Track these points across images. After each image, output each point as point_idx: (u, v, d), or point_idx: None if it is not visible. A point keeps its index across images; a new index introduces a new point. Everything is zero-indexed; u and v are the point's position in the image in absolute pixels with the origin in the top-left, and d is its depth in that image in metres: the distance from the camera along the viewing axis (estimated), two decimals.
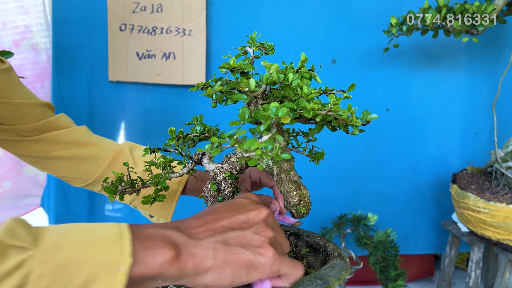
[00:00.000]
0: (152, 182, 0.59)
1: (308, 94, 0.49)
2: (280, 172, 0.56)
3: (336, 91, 0.53)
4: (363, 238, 1.48)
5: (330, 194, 1.71)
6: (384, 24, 1.52)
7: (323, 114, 0.49)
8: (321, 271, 0.51)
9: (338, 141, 1.54)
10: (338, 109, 0.49)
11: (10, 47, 1.58)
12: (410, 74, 1.67)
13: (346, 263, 0.55)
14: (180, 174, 0.61)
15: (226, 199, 0.59)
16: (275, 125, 0.45)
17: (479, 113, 1.70)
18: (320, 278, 0.49)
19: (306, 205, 0.57)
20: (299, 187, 0.56)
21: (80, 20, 1.58)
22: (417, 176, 1.73)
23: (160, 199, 0.59)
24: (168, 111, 1.65)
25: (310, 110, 0.48)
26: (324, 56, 1.63)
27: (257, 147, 0.41)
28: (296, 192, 0.55)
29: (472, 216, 1.36)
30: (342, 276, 0.51)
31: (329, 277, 0.50)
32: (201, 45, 1.59)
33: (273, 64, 0.53)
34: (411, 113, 1.70)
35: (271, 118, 0.44)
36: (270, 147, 0.41)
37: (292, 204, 0.56)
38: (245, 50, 0.59)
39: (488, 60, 1.67)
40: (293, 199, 0.55)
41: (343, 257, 0.56)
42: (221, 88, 0.56)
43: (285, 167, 0.55)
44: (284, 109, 0.44)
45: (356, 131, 0.52)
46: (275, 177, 0.57)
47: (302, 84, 0.51)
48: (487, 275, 1.68)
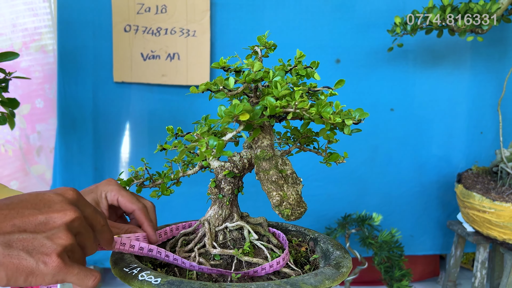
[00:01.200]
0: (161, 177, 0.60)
1: (279, 91, 0.49)
2: (258, 171, 0.54)
3: (321, 88, 0.52)
4: (367, 238, 1.48)
5: (334, 194, 1.71)
6: (388, 23, 1.51)
7: (293, 112, 0.48)
8: (299, 277, 0.50)
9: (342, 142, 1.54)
10: (305, 106, 0.47)
11: (20, 49, 1.60)
12: (415, 73, 1.66)
13: (339, 272, 0.53)
14: (194, 171, 0.62)
15: (226, 196, 0.59)
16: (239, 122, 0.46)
17: (485, 113, 1.69)
18: (291, 284, 0.47)
19: (290, 207, 0.53)
20: (280, 187, 0.54)
21: (84, 21, 1.59)
22: (422, 176, 1.72)
23: (167, 194, 0.61)
24: (172, 112, 1.65)
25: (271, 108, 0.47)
26: (328, 56, 1.63)
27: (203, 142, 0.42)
28: (277, 193, 0.53)
29: (478, 216, 1.36)
30: (323, 285, 0.49)
31: (304, 284, 0.48)
32: (205, 45, 1.59)
33: (256, 62, 0.53)
34: (416, 113, 1.69)
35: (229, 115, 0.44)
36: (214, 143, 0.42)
37: (273, 204, 0.54)
38: (255, 50, 0.60)
39: (493, 59, 1.66)
40: (273, 199, 0.53)
41: (339, 266, 0.55)
42: (206, 87, 0.56)
43: (263, 166, 0.54)
44: (241, 106, 0.44)
45: (347, 130, 0.51)
46: (256, 176, 0.56)
47: (279, 82, 0.50)
48: (493, 275, 1.67)
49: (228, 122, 0.44)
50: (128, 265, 0.52)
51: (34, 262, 0.42)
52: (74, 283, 0.44)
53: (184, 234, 0.63)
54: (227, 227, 0.59)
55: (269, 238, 0.60)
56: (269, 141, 0.54)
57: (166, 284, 0.46)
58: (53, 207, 0.45)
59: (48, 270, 0.42)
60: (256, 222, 0.62)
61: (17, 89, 1.65)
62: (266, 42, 0.59)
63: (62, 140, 1.63)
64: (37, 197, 0.45)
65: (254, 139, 0.54)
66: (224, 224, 0.59)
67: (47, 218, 0.44)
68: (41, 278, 0.42)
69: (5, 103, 0.96)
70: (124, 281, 0.49)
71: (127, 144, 1.68)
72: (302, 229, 0.70)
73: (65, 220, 0.44)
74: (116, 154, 1.68)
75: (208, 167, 0.65)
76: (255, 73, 0.51)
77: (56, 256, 0.42)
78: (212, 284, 0.46)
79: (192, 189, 1.67)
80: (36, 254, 0.42)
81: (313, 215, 1.68)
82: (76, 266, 0.44)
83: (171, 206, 1.64)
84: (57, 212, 0.44)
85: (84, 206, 0.48)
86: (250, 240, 0.58)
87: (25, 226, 0.43)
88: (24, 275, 0.42)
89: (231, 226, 0.59)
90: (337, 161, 0.61)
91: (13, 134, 1.67)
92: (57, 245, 0.43)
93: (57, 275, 0.43)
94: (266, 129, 0.54)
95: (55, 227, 0.43)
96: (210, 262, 0.56)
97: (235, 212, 0.61)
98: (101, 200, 0.65)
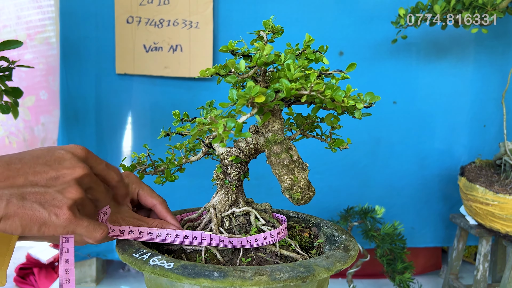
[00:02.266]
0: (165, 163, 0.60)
1: (293, 74, 0.48)
2: (270, 155, 0.54)
3: (333, 71, 0.51)
4: (370, 231, 1.48)
5: (337, 187, 1.71)
6: (392, 15, 1.51)
7: (307, 95, 0.48)
8: (311, 260, 0.50)
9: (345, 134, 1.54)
10: (320, 88, 0.47)
11: (25, 41, 1.60)
12: (418, 66, 1.66)
13: (348, 255, 0.53)
14: (198, 158, 0.62)
15: (232, 182, 0.59)
16: (254, 105, 0.45)
17: (488, 106, 1.68)
18: (304, 266, 0.47)
19: (301, 191, 0.54)
20: (291, 171, 0.54)
21: (87, 13, 1.58)
22: (425, 169, 1.72)
23: (172, 180, 0.61)
24: (175, 104, 1.65)
25: (286, 90, 0.46)
26: (331, 48, 1.62)
27: (221, 125, 0.41)
28: (288, 177, 0.53)
29: (481, 209, 1.36)
30: (335, 267, 0.49)
31: (317, 266, 0.48)
32: (208, 37, 1.59)
33: (267, 45, 0.53)
34: (419, 106, 1.69)
35: (245, 98, 0.44)
36: (232, 125, 0.41)
37: (284, 188, 0.54)
38: (260, 35, 0.60)
39: (497, 52, 1.65)
40: (284, 183, 0.54)
41: (348, 249, 0.55)
42: (215, 70, 0.56)
43: (275, 150, 0.54)
44: (257, 88, 0.43)
45: (358, 114, 0.51)
46: (267, 160, 0.56)
47: (292, 64, 0.49)
48: (495, 268, 1.67)
49: (243, 105, 0.44)
50: (137, 251, 0.51)
51: (46, 213, 0.44)
52: (83, 234, 0.47)
53: (188, 221, 0.63)
54: (234, 213, 0.59)
55: (273, 224, 0.60)
56: (279, 125, 0.54)
57: (180, 268, 0.46)
58: (63, 164, 0.47)
59: (59, 221, 0.45)
60: (260, 208, 0.62)
61: (22, 81, 1.65)
62: (273, 26, 0.59)
63: (65, 132, 1.62)
64: (48, 153, 0.47)
65: (265, 123, 0.54)
66: (231, 210, 0.59)
67: (57, 174, 0.46)
68: (53, 229, 0.45)
69: (8, 92, 0.96)
70: (134, 267, 0.49)
71: (130, 136, 1.68)
72: (304, 215, 0.71)
73: (75, 175, 0.46)
74: (118, 146, 1.68)
75: (211, 153, 0.65)
76: (266, 56, 0.51)
77: (67, 208, 0.45)
78: (227, 267, 0.46)
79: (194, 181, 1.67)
80: (48, 206, 0.44)
81: (316, 207, 1.68)
82: (86, 219, 0.47)
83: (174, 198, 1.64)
84: (67, 169, 0.46)
85: (95, 162, 0.50)
86: (256, 225, 0.58)
87: (36, 181, 0.45)
88: (37, 225, 0.44)
89: (238, 211, 0.59)
90: (341, 147, 0.61)
91: (17, 126, 1.67)
92: (67, 199, 0.45)
93: (68, 227, 0.45)
94: (276, 113, 0.54)
95: (65, 182, 0.46)
96: (217, 248, 0.56)
97: (240, 198, 0.61)
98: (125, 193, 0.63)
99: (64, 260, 0.51)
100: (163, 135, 0.64)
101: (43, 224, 0.44)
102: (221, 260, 0.54)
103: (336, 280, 1.81)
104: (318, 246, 0.63)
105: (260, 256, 0.55)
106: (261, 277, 0.45)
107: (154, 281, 0.52)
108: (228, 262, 0.54)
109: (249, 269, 0.46)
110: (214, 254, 0.55)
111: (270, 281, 0.45)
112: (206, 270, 0.45)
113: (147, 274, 0.50)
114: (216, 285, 0.45)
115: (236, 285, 0.44)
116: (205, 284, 0.45)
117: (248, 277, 0.45)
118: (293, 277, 0.45)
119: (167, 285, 0.49)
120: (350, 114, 0.53)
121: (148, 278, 0.53)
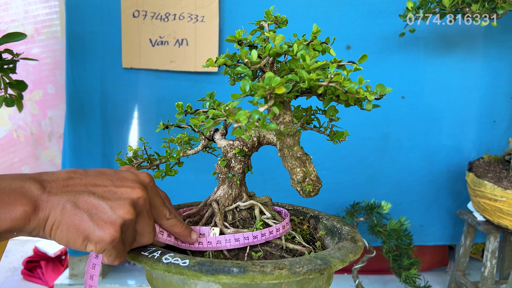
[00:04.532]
0: (164, 157, 0.59)
1: (310, 65, 0.47)
2: (282, 147, 0.54)
3: (346, 63, 0.51)
4: (376, 227, 1.47)
5: (344, 183, 1.70)
6: (399, 9, 1.48)
7: (325, 86, 0.47)
8: (325, 252, 0.50)
9: (352, 130, 1.52)
10: (340, 80, 0.46)
11: (32, 35, 1.61)
12: (426, 60, 1.64)
13: (357, 246, 0.53)
14: (196, 151, 0.61)
15: (236, 176, 0.58)
16: (271, 96, 0.44)
17: (498, 101, 1.66)
18: (321, 258, 0.48)
19: (312, 183, 0.54)
20: (303, 163, 0.54)
21: (93, 7, 1.58)
22: (433, 165, 1.70)
23: (171, 174, 0.60)
24: (181, 98, 1.64)
25: (307, 80, 0.45)
26: (338, 43, 1.61)
27: (245, 116, 0.40)
28: (300, 169, 0.53)
29: (489, 205, 1.34)
30: (348, 258, 0.50)
31: (332, 258, 0.48)
32: (213, 31, 1.58)
33: (278, 35, 0.52)
34: (427, 101, 1.67)
35: (265, 89, 0.43)
36: (256, 116, 0.40)
37: (296, 181, 0.54)
38: (261, 25, 0.59)
39: (507, 46, 1.62)
40: (297, 175, 0.53)
41: (356, 240, 0.55)
42: (224, 61, 0.55)
43: (287, 143, 0.53)
44: (278, 78, 0.42)
45: (369, 105, 0.50)
46: (279, 153, 0.56)
47: (306, 55, 0.48)
48: (503, 265, 1.66)
49: (262, 96, 0.42)
50: (146, 249, 0.50)
51: (92, 226, 0.43)
52: (108, 257, 0.46)
53: (188, 216, 0.61)
54: (238, 207, 0.59)
55: (275, 217, 0.59)
56: (290, 117, 0.53)
57: (197, 265, 0.45)
58: (125, 182, 0.47)
59: (101, 236, 0.43)
60: (261, 202, 0.62)
61: (29, 75, 1.65)
62: (278, 16, 0.58)
63: (71, 126, 1.63)
64: (114, 172, 0.48)
65: (275, 115, 0.53)
66: (235, 204, 0.59)
67: (116, 190, 0.46)
68: (93, 244, 0.44)
69: (13, 85, 0.96)
70: (145, 265, 0.48)
71: (135, 130, 1.68)
72: (300, 208, 0.70)
73: (132, 195, 0.46)
74: (124, 140, 1.68)
75: (208, 147, 0.64)
76: (279, 46, 0.50)
77: (115, 226, 0.44)
78: (245, 262, 0.46)
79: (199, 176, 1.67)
80: (96, 219, 0.43)
81: (322, 203, 1.67)
82: (120, 245, 0.45)
83: (179, 192, 1.64)
84: (126, 187, 0.46)
85: (154, 194, 0.49)
86: (261, 219, 0.57)
87: (94, 190, 0.45)
88: (81, 237, 0.43)
89: (243, 205, 0.58)
90: (341, 139, 0.60)
91: (25, 119, 1.68)
92: (117, 216, 0.44)
93: (105, 245, 0.44)
94: (286, 105, 0.53)
95: (121, 199, 0.45)
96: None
97: (244, 191, 0.60)
98: None
99: (89, 276, 0.50)
100: (162, 127, 0.63)
101: (86, 237, 0.43)
102: (227, 255, 0.54)
103: (342, 276, 1.80)
104: (319, 238, 0.62)
105: (266, 249, 0.55)
106: (281, 271, 0.44)
107: (162, 280, 0.50)
108: (234, 257, 0.54)
109: (268, 264, 0.45)
110: (220, 250, 0.54)
111: (290, 274, 0.44)
112: (224, 266, 0.45)
113: (155, 272, 0.49)
114: (237, 281, 0.44)
115: (257, 280, 0.44)
116: (225, 281, 0.44)
117: (269, 272, 0.44)
118: (312, 269, 0.45)
119: (177, 283, 0.48)
120: (359, 106, 0.52)
121: (154, 276, 0.52)
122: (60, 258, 1.89)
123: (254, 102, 0.42)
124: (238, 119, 0.40)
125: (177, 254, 0.48)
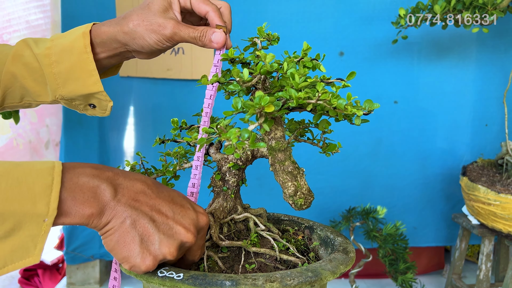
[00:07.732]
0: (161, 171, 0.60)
1: (299, 83, 0.49)
2: (274, 162, 0.55)
3: (334, 80, 0.52)
4: (372, 231, 1.48)
5: (338, 187, 1.71)
6: (392, 16, 1.50)
7: (314, 103, 0.48)
8: (316, 264, 0.51)
9: (346, 135, 1.54)
10: (327, 98, 0.48)
11: None
12: (419, 66, 1.66)
13: (349, 257, 0.54)
14: (191, 165, 0.62)
15: (231, 189, 0.60)
16: (262, 114, 0.45)
17: (490, 105, 1.68)
18: (312, 270, 0.48)
19: (304, 197, 0.55)
20: (295, 177, 0.55)
21: (88, 15, 1.59)
22: (426, 169, 1.72)
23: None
24: (177, 106, 1.66)
25: (296, 99, 0.47)
26: (331, 49, 1.62)
27: (235, 135, 0.42)
28: (292, 183, 0.54)
29: (483, 209, 1.36)
30: (339, 270, 0.50)
31: (323, 270, 0.49)
32: None
33: (268, 54, 0.53)
34: (420, 106, 1.68)
35: (255, 107, 0.44)
36: (246, 135, 0.42)
37: (288, 195, 0.55)
38: (254, 41, 0.60)
39: (498, 51, 1.65)
40: (288, 189, 0.54)
41: (347, 251, 0.56)
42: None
43: (279, 157, 0.54)
44: (267, 98, 0.44)
45: (358, 121, 0.51)
46: (270, 167, 0.57)
47: (295, 73, 0.50)
48: (498, 267, 1.67)
49: (252, 114, 0.44)
50: None
51: (137, 251, 0.45)
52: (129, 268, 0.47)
53: None
54: (233, 219, 0.60)
55: (270, 228, 0.61)
56: (281, 132, 0.54)
57: (190, 278, 0.46)
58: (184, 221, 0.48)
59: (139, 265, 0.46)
60: (256, 214, 0.63)
61: None
62: (269, 34, 0.59)
63: (68, 134, 1.64)
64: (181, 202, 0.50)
65: (267, 131, 0.54)
66: (230, 216, 0.60)
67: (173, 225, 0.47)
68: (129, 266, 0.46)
69: None
70: (141, 279, 0.49)
71: (132, 138, 1.69)
72: (295, 218, 0.71)
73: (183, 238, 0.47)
74: (121, 148, 1.69)
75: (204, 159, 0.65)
76: (269, 65, 0.52)
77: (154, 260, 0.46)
78: (238, 275, 0.47)
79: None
80: (143, 247, 0.45)
81: (317, 208, 1.68)
82: None
83: None
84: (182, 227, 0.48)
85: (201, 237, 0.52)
86: (256, 231, 0.59)
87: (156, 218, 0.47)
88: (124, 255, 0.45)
89: (238, 218, 0.60)
90: (333, 152, 0.62)
91: (24, 128, 1.69)
92: (160, 253, 0.46)
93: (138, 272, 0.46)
94: (278, 120, 0.54)
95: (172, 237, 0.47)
96: (218, 255, 0.56)
97: (238, 204, 0.61)
98: (174, 1, 0.64)
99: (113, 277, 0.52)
100: (158, 142, 0.64)
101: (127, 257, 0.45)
102: (222, 267, 0.55)
103: (339, 280, 1.81)
104: (313, 248, 0.63)
105: (260, 261, 0.56)
106: (273, 283, 0.45)
107: None
108: (229, 269, 0.55)
109: (260, 277, 0.46)
110: (215, 261, 0.55)
111: (281, 287, 0.45)
112: (217, 279, 0.46)
113: (151, 285, 0.50)
114: None
115: None
116: None
117: (260, 285, 0.45)
118: (303, 282, 0.46)
119: None
120: (349, 121, 0.53)
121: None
122: (58, 266, 1.89)
123: (245, 120, 0.44)
124: (229, 137, 0.41)
125: (172, 268, 0.49)
